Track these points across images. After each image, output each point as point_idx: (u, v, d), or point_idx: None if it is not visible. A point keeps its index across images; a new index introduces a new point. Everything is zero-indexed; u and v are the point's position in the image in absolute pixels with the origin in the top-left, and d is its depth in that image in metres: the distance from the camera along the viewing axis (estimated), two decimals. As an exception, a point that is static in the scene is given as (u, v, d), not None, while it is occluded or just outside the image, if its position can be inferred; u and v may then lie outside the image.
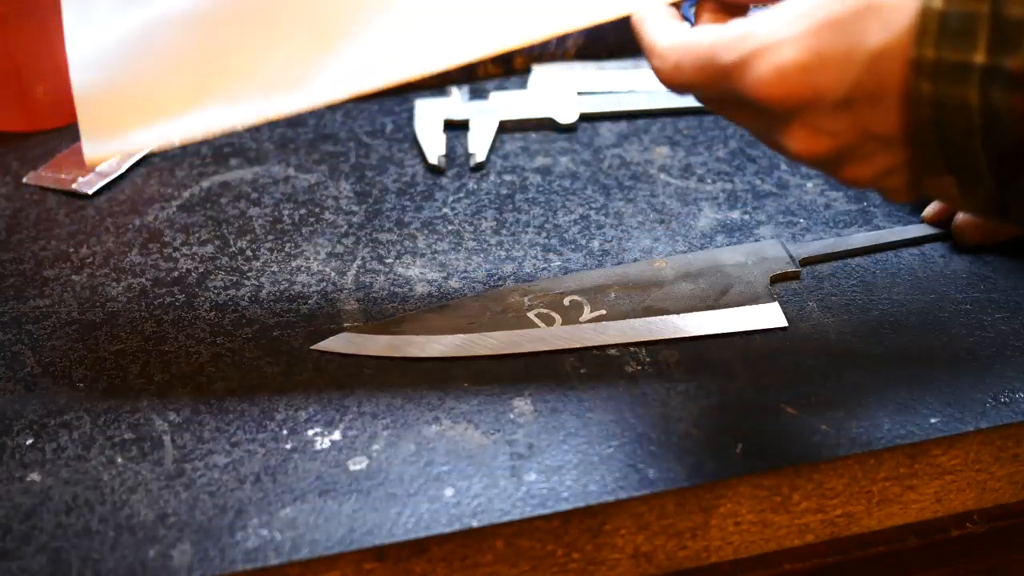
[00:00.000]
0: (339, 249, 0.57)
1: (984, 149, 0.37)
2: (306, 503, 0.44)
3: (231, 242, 0.58)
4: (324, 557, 0.42)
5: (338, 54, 0.50)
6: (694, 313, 0.52)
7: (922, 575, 0.51)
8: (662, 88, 0.44)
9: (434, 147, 0.64)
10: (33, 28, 0.64)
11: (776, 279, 0.54)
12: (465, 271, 0.55)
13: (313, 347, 0.51)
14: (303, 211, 0.60)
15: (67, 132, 0.67)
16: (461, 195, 0.61)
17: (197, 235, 0.58)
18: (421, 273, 0.55)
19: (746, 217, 0.59)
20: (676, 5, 0.47)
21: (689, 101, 0.51)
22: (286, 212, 0.60)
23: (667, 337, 0.51)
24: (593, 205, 0.60)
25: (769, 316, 0.51)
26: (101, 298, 0.55)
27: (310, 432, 0.47)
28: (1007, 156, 0.37)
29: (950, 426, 0.46)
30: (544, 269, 0.55)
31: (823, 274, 0.54)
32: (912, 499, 0.48)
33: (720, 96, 0.42)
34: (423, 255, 0.57)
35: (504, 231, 0.58)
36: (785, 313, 0.52)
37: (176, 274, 0.56)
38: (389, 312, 0.53)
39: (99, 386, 0.49)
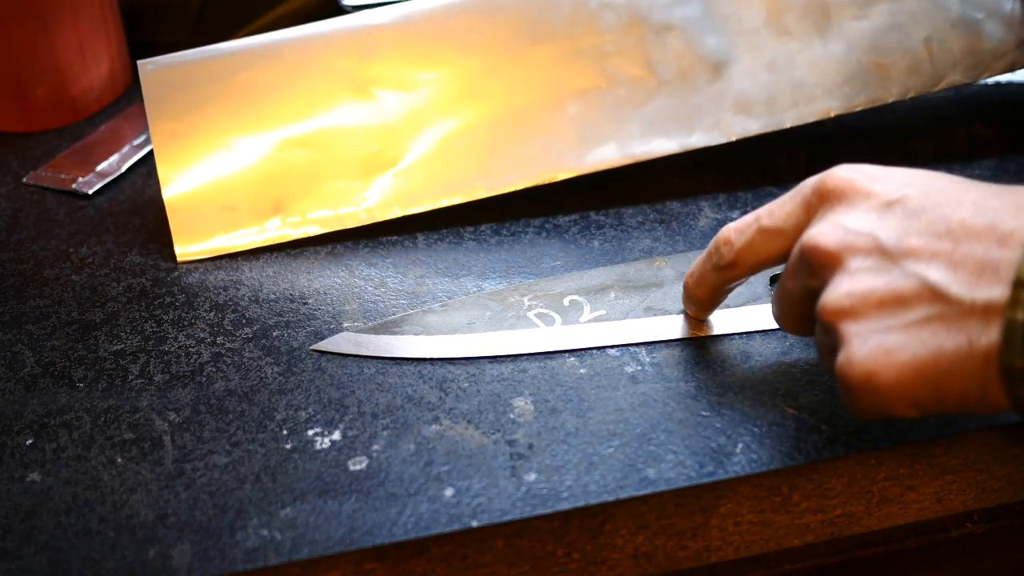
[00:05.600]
0: (339, 249, 0.57)
1: None
2: (306, 503, 0.44)
3: (231, 242, 0.58)
4: (324, 557, 0.42)
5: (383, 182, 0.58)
6: (694, 313, 0.52)
7: (922, 575, 0.51)
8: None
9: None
10: (33, 28, 0.64)
11: (776, 279, 0.54)
12: (465, 271, 0.55)
13: (313, 347, 0.51)
14: (303, 211, 0.60)
15: (67, 132, 0.67)
16: (461, 195, 0.61)
17: (197, 235, 0.58)
18: (421, 273, 0.55)
19: (746, 217, 0.59)
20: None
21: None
22: (286, 212, 0.60)
23: (667, 337, 0.51)
24: (593, 204, 0.60)
25: (769, 316, 0.51)
26: (101, 298, 0.55)
27: (310, 432, 0.47)
28: None
29: (950, 426, 0.46)
30: (544, 269, 0.55)
31: (823, 274, 0.54)
32: (912, 499, 0.48)
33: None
34: (423, 255, 0.56)
35: (504, 231, 0.58)
36: (785, 313, 0.52)
37: (176, 274, 0.56)
38: (389, 312, 0.53)
39: (99, 386, 0.49)
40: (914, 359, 0.38)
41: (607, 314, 0.52)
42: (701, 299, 0.49)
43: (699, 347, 0.50)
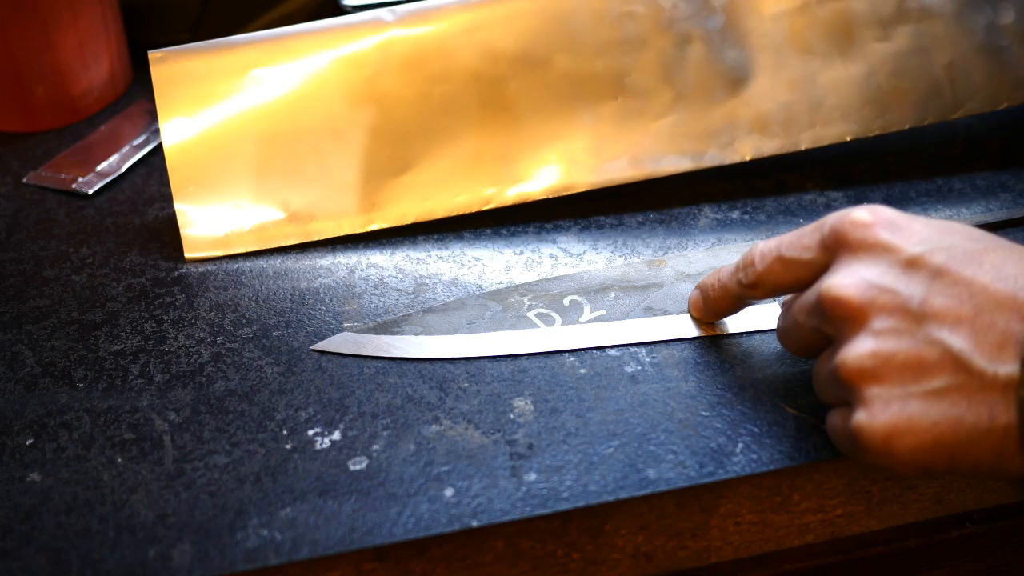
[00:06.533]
0: (339, 249, 0.57)
1: None
2: (306, 503, 0.44)
3: (231, 242, 0.58)
4: (324, 557, 0.42)
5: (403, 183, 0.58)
6: (694, 313, 0.52)
7: (922, 575, 0.51)
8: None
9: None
10: (33, 28, 0.64)
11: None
12: (466, 271, 0.55)
13: (313, 347, 0.51)
14: (303, 211, 0.60)
15: (67, 132, 0.67)
16: (461, 195, 0.61)
17: (197, 235, 0.58)
18: (421, 273, 0.55)
19: (746, 217, 0.59)
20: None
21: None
22: (286, 212, 0.60)
23: (667, 337, 0.51)
24: (594, 205, 0.60)
25: (769, 316, 0.51)
26: (101, 298, 0.55)
27: (310, 432, 0.47)
28: None
29: (950, 426, 0.46)
30: (544, 269, 0.55)
31: (823, 274, 0.54)
32: (912, 499, 0.48)
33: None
34: (423, 254, 0.56)
35: (505, 231, 0.58)
36: (785, 313, 0.52)
37: (176, 274, 0.56)
38: (389, 312, 0.53)
39: (99, 386, 0.49)
40: (934, 428, 0.38)
41: (607, 314, 0.52)
42: (720, 309, 0.50)
43: (699, 347, 0.50)
